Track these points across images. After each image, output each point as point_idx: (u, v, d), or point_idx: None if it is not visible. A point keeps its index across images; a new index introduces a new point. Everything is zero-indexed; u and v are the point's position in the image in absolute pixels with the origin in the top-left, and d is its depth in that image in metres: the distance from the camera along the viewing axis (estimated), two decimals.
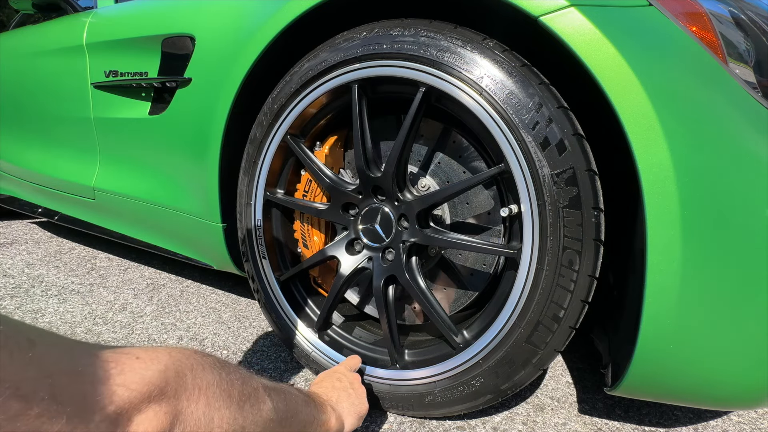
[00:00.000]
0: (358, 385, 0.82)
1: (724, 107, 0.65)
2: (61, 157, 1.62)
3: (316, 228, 1.06)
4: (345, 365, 0.88)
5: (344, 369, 0.85)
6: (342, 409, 0.74)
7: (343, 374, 0.83)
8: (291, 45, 0.97)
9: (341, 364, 0.89)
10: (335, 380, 0.80)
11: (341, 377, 0.81)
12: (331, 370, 0.85)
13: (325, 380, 0.80)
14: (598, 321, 0.97)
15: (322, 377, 0.82)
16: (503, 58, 0.73)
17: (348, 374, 0.83)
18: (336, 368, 0.86)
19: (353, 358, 0.92)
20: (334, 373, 0.83)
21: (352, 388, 0.80)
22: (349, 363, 0.89)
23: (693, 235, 0.62)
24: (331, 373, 0.83)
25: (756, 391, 0.69)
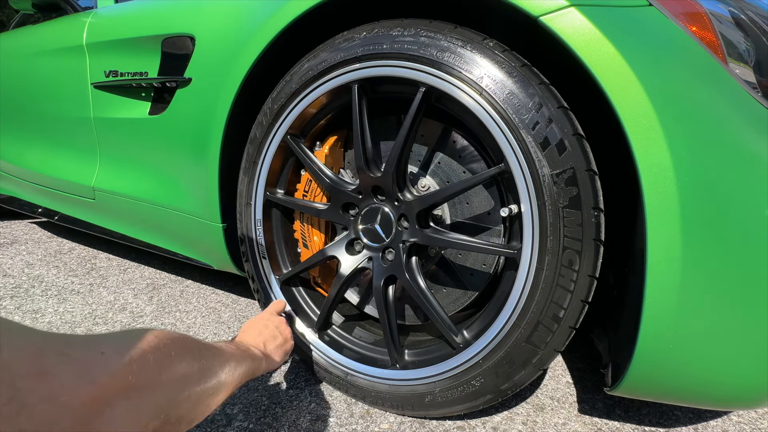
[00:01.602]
0: (284, 327, 0.91)
1: (724, 107, 0.65)
2: (61, 157, 1.62)
3: (316, 228, 1.06)
4: (271, 309, 0.95)
5: (269, 314, 0.93)
6: (269, 350, 0.83)
7: (269, 319, 0.90)
8: (291, 45, 0.97)
9: (266, 310, 0.96)
10: (262, 326, 0.87)
11: (268, 323, 0.89)
12: (258, 316, 0.92)
13: (253, 327, 0.87)
14: (598, 321, 0.97)
15: (249, 324, 0.88)
16: (503, 58, 0.73)
17: (274, 318, 0.91)
18: (262, 314, 0.92)
19: (278, 302, 0.99)
20: (261, 320, 0.90)
21: (278, 330, 0.89)
22: (275, 307, 0.97)
23: (693, 235, 0.62)
24: (258, 319, 0.90)
25: (756, 391, 0.69)
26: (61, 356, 0.39)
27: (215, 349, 0.64)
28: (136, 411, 0.44)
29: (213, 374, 0.59)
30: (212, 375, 0.59)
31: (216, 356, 0.62)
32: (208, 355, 0.60)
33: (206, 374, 0.57)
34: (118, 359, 0.43)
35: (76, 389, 0.38)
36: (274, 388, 0.99)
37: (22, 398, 0.34)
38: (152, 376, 0.47)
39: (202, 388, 0.56)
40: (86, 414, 0.38)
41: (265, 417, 0.90)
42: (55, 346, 0.40)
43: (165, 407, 0.48)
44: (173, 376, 0.50)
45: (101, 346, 0.43)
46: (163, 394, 0.48)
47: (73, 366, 0.39)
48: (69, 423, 0.37)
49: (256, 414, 0.90)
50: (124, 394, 0.42)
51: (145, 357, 0.46)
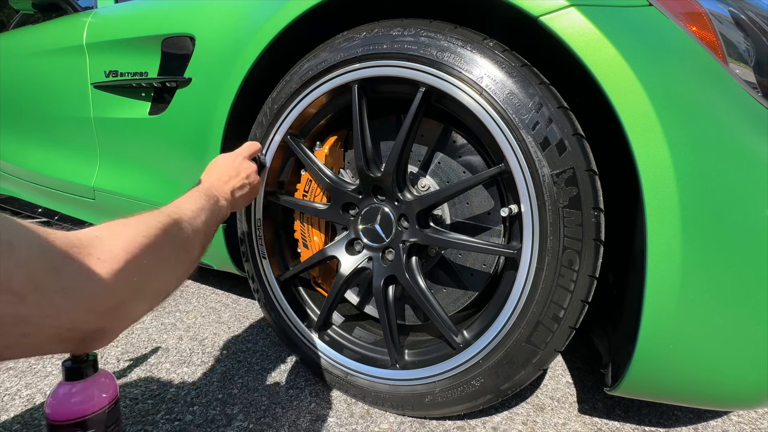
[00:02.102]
0: (254, 176, 0.89)
1: (724, 107, 0.65)
2: (61, 157, 1.62)
3: (316, 228, 1.06)
4: (244, 152, 0.91)
5: (242, 159, 0.88)
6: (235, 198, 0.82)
7: (240, 165, 0.86)
8: (291, 45, 0.97)
9: (240, 151, 0.91)
10: (233, 173, 0.84)
11: (239, 170, 0.85)
12: (230, 157, 0.88)
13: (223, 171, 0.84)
14: (598, 321, 0.97)
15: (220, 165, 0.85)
16: (503, 58, 0.73)
17: (245, 164, 0.88)
18: (235, 156, 0.88)
19: (252, 144, 0.94)
20: (233, 163, 0.86)
21: (248, 180, 0.86)
22: (248, 149, 0.92)
23: (693, 235, 0.62)
24: (230, 162, 0.86)
25: (756, 391, 0.69)
26: (66, 257, 0.42)
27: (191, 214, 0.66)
28: (143, 301, 0.51)
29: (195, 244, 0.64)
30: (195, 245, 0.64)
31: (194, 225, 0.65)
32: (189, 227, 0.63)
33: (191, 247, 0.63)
34: (117, 266, 0.46)
35: (88, 290, 0.42)
36: (274, 388, 0.99)
37: (41, 288, 0.39)
38: (151, 272, 0.51)
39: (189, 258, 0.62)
40: (102, 309, 0.44)
41: (265, 417, 0.90)
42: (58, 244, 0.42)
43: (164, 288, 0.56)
44: (167, 264, 0.56)
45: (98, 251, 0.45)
46: (162, 280, 0.54)
47: (77, 267, 0.42)
48: (89, 316, 0.43)
49: (256, 414, 0.90)
50: (131, 293, 0.47)
51: (140, 259, 0.49)
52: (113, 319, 0.47)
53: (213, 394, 0.96)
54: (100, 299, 0.44)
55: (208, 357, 1.11)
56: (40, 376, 1.00)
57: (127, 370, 1.04)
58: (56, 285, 0.40)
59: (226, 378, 1.02)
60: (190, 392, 0.97)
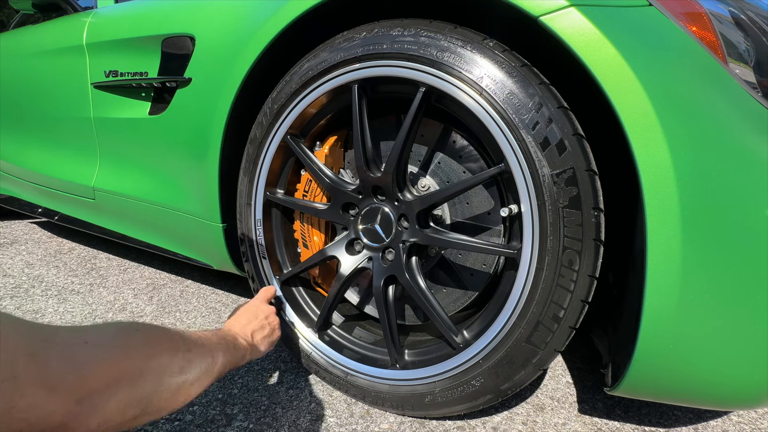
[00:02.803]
0: (273, 318, 0.91)
1: (724, 107, 0.65)
2: (61, 157, 1.62)
3: (316, 228, 1.06)
4: (260, 297, 0.95)
5: (260, 302, 0.92)
6: (256, 341, 0.83)
7: (258, 308, 0.90)
8: (291, 45, 0.97)
9: (256, 297, 0.95)
10: (252, 315, 0.87)
11: (258, 312, 0.88)
12: (248, 304, 0.91)
13: (242, 315, 0.87)
14: (598, 321, 0.97)
15: (240, 312, 0.88)
16: (503, 58, 0.73)
17: (263, 307, 0.91)
18: (253, 302, 0.92)
19: (268, 289, 0.99)
20: (251, 308, 0.89)
21: (267, 321, 0.88)
22: (264, 294, 0.96)
23: (693, 235, 0.62)
24: (248, 307, 0.90)
25: (756, 391, 0.69)
26: (47, 341, 0.41)
27: (199, 339, 0.65)
28: (117, 399, 0.46)
29: (195, 365, 0.60)
30: (195, 366, 0.60)
31: (199, 346, 0.63)
32: (192, 345, 0.62)
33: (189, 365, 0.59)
34: (102, 350, 0.45)
35: (63, 374, 0.40)
36: (274, 388, 0.99)
37: (18, 377, 0.37)
38: (135, 367, 0.48)
39: (184, 378, 0.57)
40: (72, 398, 0.41)
41: (265, 417, 0.90)
42: (41, 332, 0.42)
43: (146, 397, 0.50)
44: (156, 367, 0.52)
45: (85, 335, 0.45)
46: (145, 384, 0.50)
47: (57, 351, 0.41)
48: (56, 406, 0.40)
49: (256, 414, 0.90)
50: (107, 383, 0.44)
51: (129, 348, 0.48)
52: (79, 413, 0.42)
53: (213, 394, 0.96)
54: (73, 385, 0.41)
55: None
56: None
57: None
58: (33, 373, 0.38)
59: (226, 378, 1.02)
60: None
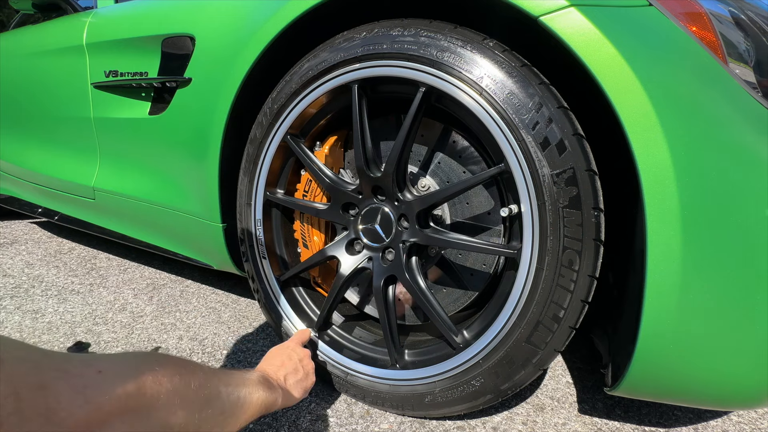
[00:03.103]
0: (308, 361, 0.86)
1: (724, 107, 0.65)
2: (61, 157, 1.62)
3: (316, 228, 1.06)
4: (295, 340, 0.91)
5: (294, 345, 0.88)
6: (289, 385, 0.78)
7: (293, 350, 0.86)
8: (291, 45, 0.97)
9: (291, 339, 0.92)
10: (285, 357, 0.83)
11: (292, 354, 0.84)
12: (282, 345, 0.88)
13: (276, 357, 0.83)
14: (598, 321, 0.97)
15: (273, 353, 0.84)
16: (503, 58, 0.73)
17: (298, 350, 0.87)
18: (287, 344, 0.88)
19: (303, 332, 0.96)
20: (285, 350, 0.85)
21: (301, 364, 0.84)
22: (300, 337, 0.93)
23: (693, 235, 0.62)
24: (282, 349, 0.86)
25: (756, 391, 0.69)
26: (59, 371, 0.39)
27: (224, 376, 0.62)
28: None
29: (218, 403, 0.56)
30: (217, 404, 0.56)
31: (224, 384, 0.60)
32: (215, 382, 0.58)
33: (210, 402, 0.55)
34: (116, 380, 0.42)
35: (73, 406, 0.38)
36: None
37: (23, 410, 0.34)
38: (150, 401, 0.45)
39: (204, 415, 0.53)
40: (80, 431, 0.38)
41: (265, 417, 0.89)
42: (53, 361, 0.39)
43: None
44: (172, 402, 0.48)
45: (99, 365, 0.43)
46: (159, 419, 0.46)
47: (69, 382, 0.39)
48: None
49: None
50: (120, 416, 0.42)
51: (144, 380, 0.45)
52: None
53: None
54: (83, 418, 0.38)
55: (208, 357, 1.11)
56: None
57: None
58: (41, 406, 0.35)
59: None
60: None
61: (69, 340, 1.16)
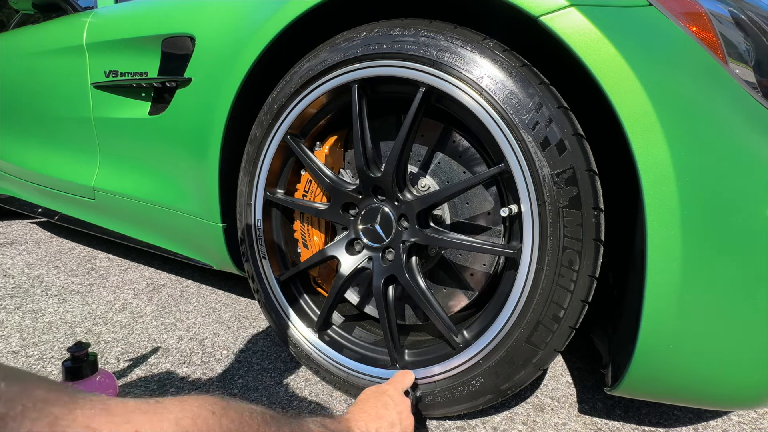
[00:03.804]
0: (407, 415, 0.72)
1: (724, 107, 0.65)
2: (61, 157, 1.62)
3: (316, 228, 1.06)
4: (396, 385, 0.76)
5: (395, 391, 0.74)
6: None
7: (391, 398, 0.72)
8: (291, 45, 0.97)
9: (392, 382, 0.78)
10: (381, 406, 0.69)
11: (388, 402, 0.71)
12: (380, 389, 0.74)
13: (370, 402, 0.70)
14: (598, 321, 0.97)
15: (368, 396, 0.72)
16: (503, 58, 0.73)
17: (397, 398, 0.73)
18: (385, 388, 0.75)
19: (406, 375, 0.81)
20: (382, 395, 0.72)
21: (399, 417, 0.70)
22: (401, 382, 0.78)
23: (693, 235, 0.62)
24: (379, 394, 0.73)
25: (756, 391, 0.69)
26: None
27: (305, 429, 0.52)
28: None
29: None
30: None
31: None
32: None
33: None
34: None
35: None
36: (273, 388, 0.99)
37: None
38: None
39: None
40: None
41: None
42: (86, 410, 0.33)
43: None
44: None
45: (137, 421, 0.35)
46: None
47: None
48: None
49: None
50: None
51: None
52: None
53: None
54: None
55: (208, 357, 1.11)
56: None
57: (127, 370, 1.04)
58: None
59: (226, 378, 1.02)
60: (190, 392, 0.96)
61: (69, 340, 1.16)
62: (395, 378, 0.80)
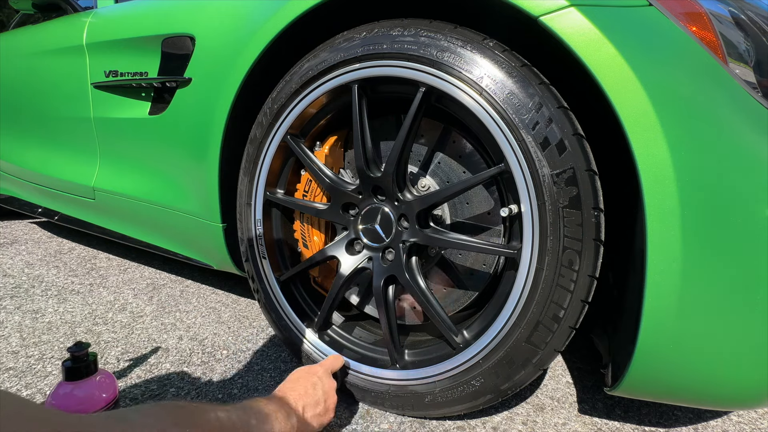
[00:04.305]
0: (332, 395, 0.80)
1: (724, 107, 0.65)
2: (61, 157, 1.62)
3: (316, 228, 1.06)
4: (325, 367, 0.85)
5: (323, 373, 0.82)
6: (307, 418, 0.74)
7: (320, 378, 0.80)
8: (291, 45, 0.97)
9: (322, 364, 0.86)
10: (310, 386, 0.78)
11: (317, 384, 0.79)
12: (309, 370, 0.82)
13: (299, 383, 0.78)
14: (598, 321, 0.97)
15: (297, 377, 0.79)
16: (503, 58, 0.73)
17: (325, 381, 0.81)
18: (315, 369, 0.82)
19: (336, 359, 0.91)
20: (311, 377, 0.80)
21: (324, 397, 0.78)
22: (331, 364, 0.87)
23: (693, 235, 0.62)
24: (308, 375, 0.80)
25: (756, 391, 0.69)
26: None
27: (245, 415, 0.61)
28: None
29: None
30: None
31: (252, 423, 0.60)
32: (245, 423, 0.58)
33: None
34: None
35: None
36: (274, 388, 0.99)
37: None
38: None
39: None
40: None
41: None
42: None
43: None
44: None
45: None
46: None
47: None
48: None
49: None
50: None
51: None
52: None
53: (213, 394, 0.96)
54: None
55: (208, 357, 1.11)
56: (39, 376, 1.00)
57: (127, 370, 1.04)
58: None
59: (226, 378, 1.02)
60: (190, 392, 0.97)
61: (69, 340, 1.16)
62: (326, 361, 0.89)
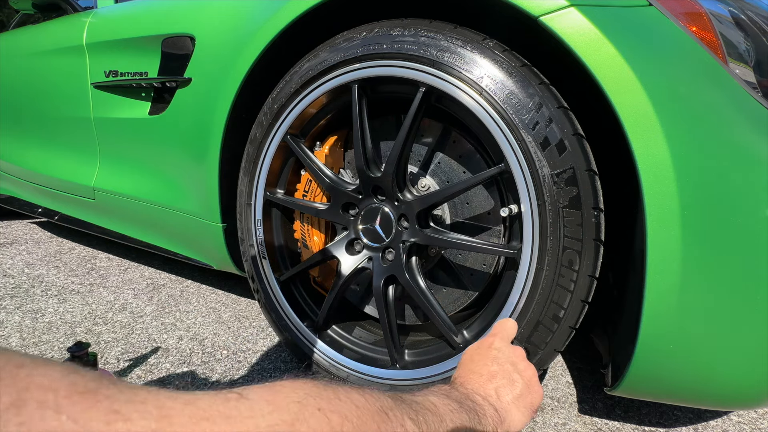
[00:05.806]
0: (526, 365, 0.59)
1: (724, 107, 0.65)
2: (61, 157, 1.62)
3: (316, 228, 1.06)
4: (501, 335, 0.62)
5: (501, 342, 0.61)
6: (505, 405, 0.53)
7: (499, 350, 0.59)
8: (291, 45, 0.97)
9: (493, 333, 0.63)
10: (490, 361, 0.57)
11: (498, 356, 0.58)
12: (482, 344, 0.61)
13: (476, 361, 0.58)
14: (598, 321, 0.97)
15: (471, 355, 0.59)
16: (503, 58, 0.73)
17: (506, 350, 0.60)
18: (489, 341, 0.61)
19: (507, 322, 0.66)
20: (489, 350, 0.59)
21: (516, 370, 0.57)
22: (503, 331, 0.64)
23: (693, 235, 0.62)
24: (484, 350, 0.59)
25: (756, 391, 0.69)
26: None
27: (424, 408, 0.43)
28: None
29: None
30: None
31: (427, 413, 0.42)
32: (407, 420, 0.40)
33: None
34: None
35: None
36: None
37: None
38: None
39: None
40: None
41: None
42: None
43: None
44: None
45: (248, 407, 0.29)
46: None
47: None
48: None
49: None
50: None
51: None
52: None
53: None
54: None
55: (208, 357, 1.11)
56: None
57: (127, 370, 1.04)
58: None
59: (226, 378, 1.02)
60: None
61: (69, 340, 1.16)
62: (495, 328, 0.66)
